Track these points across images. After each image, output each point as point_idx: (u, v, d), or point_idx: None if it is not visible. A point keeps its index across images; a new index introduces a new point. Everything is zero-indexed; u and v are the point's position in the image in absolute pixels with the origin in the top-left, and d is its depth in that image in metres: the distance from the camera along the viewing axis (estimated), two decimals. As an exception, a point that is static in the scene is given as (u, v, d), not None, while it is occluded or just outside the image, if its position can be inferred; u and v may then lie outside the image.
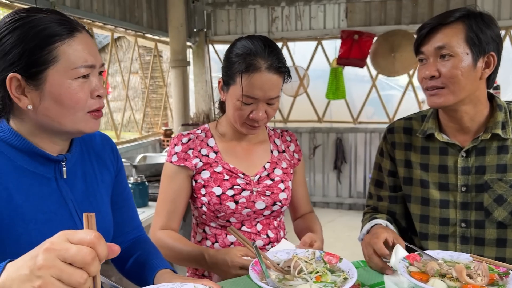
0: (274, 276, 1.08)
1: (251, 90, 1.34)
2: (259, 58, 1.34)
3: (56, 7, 2.96)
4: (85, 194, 1.08)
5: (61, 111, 0.94)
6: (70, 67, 0.92)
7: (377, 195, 1.54)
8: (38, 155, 0.98)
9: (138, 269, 1.16)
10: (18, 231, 0.93)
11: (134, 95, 9.85)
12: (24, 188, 0.95)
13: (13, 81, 0.91)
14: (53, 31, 0.91)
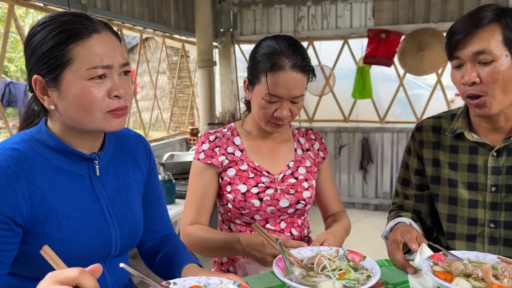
0: (298, 273, 1.09)
1: (275, 88, 1.36)
2: (284, 57, 1.36)
3: (88, 9, 3.05)
4: (117, 192, 1.11)
5: (78, 111, 0.96)
6: (85, 67, 0.94)
7: (403, 193, 1.53)
8: (72, 154, 1.02)
9: (166, 264, 1.20)
10: (52, 228, 0.97)
11: (161, 95, 10.01)
12: (59, 186, 0.99)
13: (37, 82, 0.96)
14: (69, 33, 0.94)
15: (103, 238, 1.04)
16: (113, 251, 1.08)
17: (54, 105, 0.97)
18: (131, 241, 1.13)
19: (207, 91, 4.55)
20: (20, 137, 1.00)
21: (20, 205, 0.92)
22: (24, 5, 2.75)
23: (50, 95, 0.96)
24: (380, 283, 1.17)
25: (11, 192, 0.91)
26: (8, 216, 0.91)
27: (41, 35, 0.95)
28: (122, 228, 1.09)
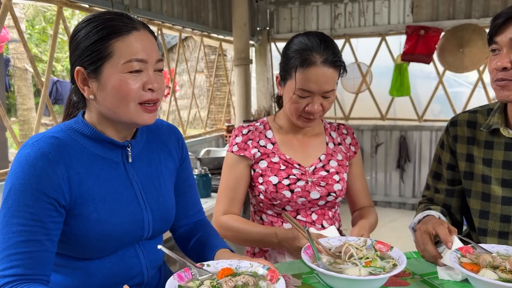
0: (325, 260, 1.13)
1: (306, 83, 1.40)
2: (315, 53, 1.40)
3: (130, 10, 3.19)
4: (150, 178, 1.18)
5: (115, 101, 1.03)
6: (122, 61, 1.01)
7: (434, 187, 1.53)
8: (106, 141, 1.10)
9: (199, 248, 1.26)
10: (89, 210, 1.05)
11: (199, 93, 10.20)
12: (95, 171, 1.08)
13: (79, 73, 1.05)
14: (111, 29, 1.02)
15: (136, 220, 1.12)
16: (145, 234, 1.15)
17: (94, 95, 1.05)
18: (163, 225, 1.20)
19: (243, 89, 4.62)
20: (59, 127, 1.10)
21: (61, 187, 1.01)
22: (72, 7, 2.91)
23: (90, 85, 1.05)
24: (408, 273, 1.19)
25: (53, 175, 1.00)
26: (53, 197, 1.00)
27: (86, 30, 1.04)
28: (154, 212, 1.16)
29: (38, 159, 0.99)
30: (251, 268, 1.06)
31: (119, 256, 1.11)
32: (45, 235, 0.99)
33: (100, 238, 1.05)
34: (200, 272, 1.03)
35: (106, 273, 1.10)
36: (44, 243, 0.99)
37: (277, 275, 1.00)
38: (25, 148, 1.02)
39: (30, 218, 0.97)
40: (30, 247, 0.97)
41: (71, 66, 1.07)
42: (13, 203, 0.97)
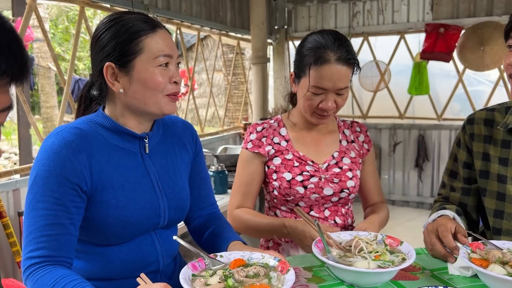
0: (335, 253, 1.16)
1: (320, 81, 1.42)
2: (329, 51, 1.42)
3: (150, 9, 3.25)
4: (165, 169, 1.24)
5: (146, 93, 1.11)
6: (152, 56, 1.10)
7: (450, 185, 1.52)
8: (125, 133, 1.16)
9: (213, 240, 1.30)
10: (108, 196, 1.11)
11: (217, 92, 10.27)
12: (114, 161, 1.14)
13: (109, 69, 1.11)
14: (139, 27, 1.10)
15: (153, 208, 1.17)
16: (162, 221, 1.20)
17: (124, 89, 1.12)
18: (178, 213, 1.25)
19: (261, 87, 4.66)
20: (81, 120, 1.17)
21: (83, 174, 1.07)
22: (93, 7, 2.99)
23: (120, 80, 1.12)
24: (418, 268, 1.21)
25: (76, 163, 1.06)
26: (76, 183, 1.06)
27: (115, 28, 1.10)
28: (170, 201, 1.21)
29: (62, 147, 1.05)
30: (262, 259, 1.09)
31: (136, 243, 1.16)
32: (69, 219, 1.05)
33: (119, 224, 1.10)
34: (213, 262, 1.07)
35: (124, 259, 1.15)
36: (67, 227, 1.05)
37: (287, 266, 1.03)
38: (50, 138, 1.08)
39: (55, 202, 1.03)
40: (54, 230, 1.03)
41: (98, 63, 1.13)
42: (39, 189, 1.04)
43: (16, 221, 2.39)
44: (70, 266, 1.06)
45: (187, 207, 1.29)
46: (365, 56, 5.24)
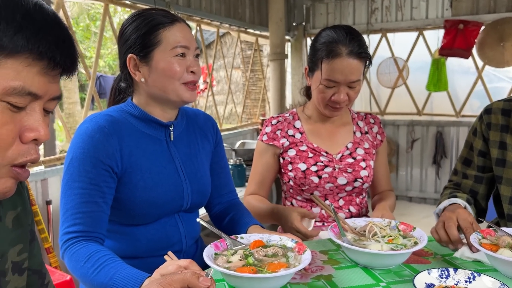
0: (350, 237, 1.21)
1: (332, 74, 1.48)
2: (341, 45, 1.48)
3: (171, 6, 3.33)
4: (189, 156, 1.33)
5: (164, 81, 1.20)
6: (169, 47, 1.19)
7: (463, 172, 1.56)
8: (152, 121, 1.25)
9: (232, 225, 1.37)
10: (137, 178, 1.20)
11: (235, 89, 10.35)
12: (142, 146, 1.23)
13: (131, 60, 1.21)
14: (158, 21, 1.20)
15: (177, 190, 1.26)
16: (185, 204, 1.29)
17: (144, 78, 1.21)
18: (200, 197, 1.34)
19: (278, 83, 4.71)
20: (112, 108, 1.26)
21: (115, 156, 1.16)
22: (117, 4, 3.08)
23: (141, 70, 1.21)
24: (430, 253, 1.25)
25: (108, 146, 1.15)
26: (108, 164, 1.15)
27: (136, 23, 1.20)
28: (193, 185, 1.30)
29: (96, 131, 1.15)
30: (280, 241, 1.15)
31: (161, 224, 1.25)
32: (101, 198, 1.14)
33: (145, 204, 1.19)
34: (234, 243, 1.14)
35: (149, 239, 1.23)
36: (100, 205, 1.14)
37: (304, 247, 1.09)
38: (84, 123, 1.18)
39: (89, 182, 1.12)
40: (89, 207, 1.12)
41: (122, 56, 1.23)
42: (74, 170, 1.13)
43: (44, 210, 2.50)
44: (102, 243, 1.14)
45: (208, 192, 1.37)
46: (383, 52, 5.24)
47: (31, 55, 0.61)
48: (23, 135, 0.64)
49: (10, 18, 0.60)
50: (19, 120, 0.63)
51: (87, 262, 1.04)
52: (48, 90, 0.65)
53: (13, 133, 0.62)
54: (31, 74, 0.61)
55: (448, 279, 1.02)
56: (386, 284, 1.05)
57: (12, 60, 0.60)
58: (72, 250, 1.08)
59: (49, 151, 3.40)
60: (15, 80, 0.60)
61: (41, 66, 0.62)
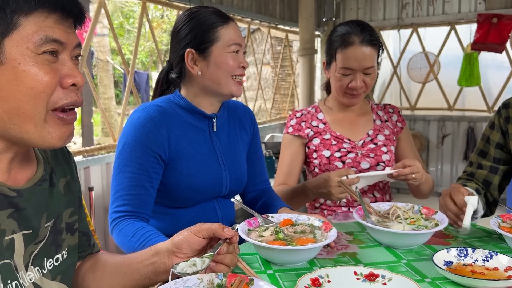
0: (374, 219, 1.29)
1: (347, 62, 1.60)
2: (353, 35, 1.60)
3: (204, 3, 3.46)
4: (228, 146, 1.43)
5: (220, 75, 1.30)
6: (226, 44, 1.29)
7: (478, 163, 1.60)
8: (197, 112, 1.36)
9: (264, 208, 1.47)
10: (182, 165, 1.31)
11: (265, 85, 10.44)
12: (188, 136, 1.34)
13: (189, 54, 1.31)
14: (215, 19, 1.30)
15: (217, 178, 1.37)
16: (223, 190, 1.39)
17: (201, 72, 1.32)
18: (237, 185, 1.44)
19: (308, 78, 4.77)
20: (161, 99, 1.37)
21: (163, 145, 1.28)
22: (154, 2, 3.23)
23: (198, 64, 1.32)
24: (451, 236, 1.32)
25: (158, 135, 1.27)
26: (157, 152, 1.27)
27: (195, 20, 1.31)
28: (231, 173, 1.41)
29: (147, 121, 1.27)
30: (308, 221, 1.24)
31: (201, 207, 1.37)
32: (149, 182, 1.26)
33: (189, 189, 1.30)
34: (266, 221, 1.23)
35: (190, 221, 1.33)
36: (147, 189, 1.26)
37: (330, 226, 1.17)
38: (136, 113, 1.30)
39: (139, 167, 1.24)
40: (137, 190, 1.24)
41: (178, 51, 1.33)
42: (126, 155, 1.25)
43: (86, 196, 2.67)
44: (147, 221, 1.27)
45: (244, 180, 1.48)
46: (414, 47, 5.22)
47: (45, 9, 0.72)
48: (63, 81, 0.75)
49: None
50: (56, 69, 0.74)
51: (133, 237, 1.16)
52: (69, 38, 0.76)
53: (55, 79, 0.74)
54: (50, 25, 0.72)
55: (467, 258, 1.09)
56: (407, 262, 1.13)
57: (31, 17, 0.71)
58: (120, 226, 1.21)
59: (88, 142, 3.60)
60: (39, 32, 0.71)
61: (56, 16, 0.73)
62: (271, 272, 1.07)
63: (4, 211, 0.74)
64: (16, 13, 0.70)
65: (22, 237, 0.77)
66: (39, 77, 0.72)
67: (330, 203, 1.71)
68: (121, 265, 0.95)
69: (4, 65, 0.70)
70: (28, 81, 0.71)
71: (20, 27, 0.70)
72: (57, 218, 0.86)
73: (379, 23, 5.34)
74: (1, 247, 0.73)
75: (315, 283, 0.93)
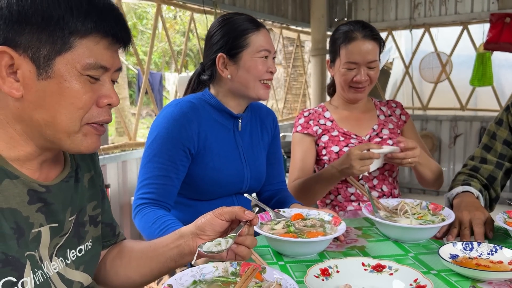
0: (382, 214, 1.33)
1: (351, 56, 1.66)
2: (356, 31, 1.67)
3: (217, 5, 3.52)
4: (250, 145, 1.50)
5: (249, 78, 1.36)
6: (256, 50, 1.36)
7: (482, 157, 1.60)
8: (225, 111, 1.43)
9: (278, 205, 1.52)
10: (207, 159, 1.38)
11: (276, 86, 10.49)
12: (215, 133, 1.41)
13: (220, 59, 1.38)
14: (246, 26, 1.36)
15: (239, 175, 1.44)
16: (244, 187, 1.46)
17: (231, 75, 1.38)
18: (256, 183, 1.51)
19: (319, 78, 4.81)
20: (192, 96, 1.44)
21: (193, 139, 1.34)
22: (168, 4, 3.29)
23: (228, 68, 1.38)
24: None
25: (189, 130, 1.33)
26: (187, 146, 1.34)
27: (227, 27, 1.37)
28: (252, 171, 1.48)
29: (180, 115, 1.33)
30: (318, 215, 1.29)
31: (221, 201, 1.43)
32: (175, 174, 1.33)
33: (212, 183, 1.37)
34: (277, 215, 1.28)
35: None
36: (173, 180, 1.33)
37: (339, 220, 1.22)
38: (169, 107, 1.37)
39: (168, 159, 1.31)
40: (164, 180, 1.31)
41: (211, 54, 1.40)
42: (157, 146, 1.32)
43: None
44: (169, 210, 1.33)
45: (263, 179, 1.55)
46: (426, 47, 5.22)
47: (99, 34, 0.77)
48: (99, 101, 0.81)
49: (79, 6, 0.74)
50: (95, 89, 0.80)
51: (154, 224, 1.22)
52: (113, 63, 0.81)
53: (92, 99, 0.79)
54: (100, 50, 0.78)
55: (472, 251, 1.12)
56: (414, 255, 1.16)
57: (85, 40, 0.76)
58: (143, 212, 1.27)
59: (103, 141, 3.69)
60: (90, 57, 0.76)
61: (107, 42, 0.78)
62: (282, 263, 1.12)
63: (34, 206, 0.80)
64: (73, 34, 0.74)
65: (48, 230, 0.82)
66: (80, 95, 0.77)
67: (341, 198, 1.75)
68: (147, 250, 1.00)
69: (51, 79, 0.75)
70: (69, 97, 0.76)
71: (74, 48, 0.75)
72: (80, 212, 0.91)
73: (391, 23, 5.35)
74: (27, 238, 0.78)
75: (324, 273, 0.97)
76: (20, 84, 0.74)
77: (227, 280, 0.90)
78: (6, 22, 0.72)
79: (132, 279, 1.01)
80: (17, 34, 0.72)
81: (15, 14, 0.72)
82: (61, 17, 0.73)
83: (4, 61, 0.73)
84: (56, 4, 0.73)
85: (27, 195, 0.79)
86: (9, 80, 0.74)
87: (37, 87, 0.75)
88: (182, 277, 0.89)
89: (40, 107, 0.76)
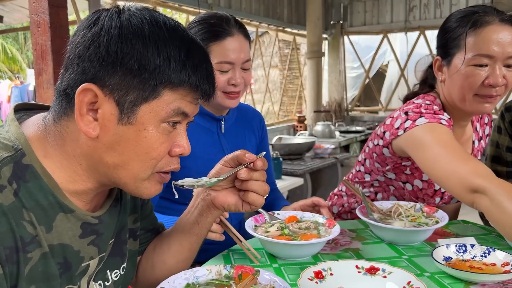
0: (376, 216, 1.33)
1: (485, 46, 1.21)
2: (488, 14, 1.23)
3: (213, 8, 3.52)
4: (236, 147, 1.47)
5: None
6: (214, 62, 1.29)
7: (494, 169, 1.57)
8: (206, 114, 1.42)
9: (268, 207, 1.52)
10: (190, 163, 1.36)
11: (272, 88, 10.50)
12: (197, 137, 1.39)
13: None
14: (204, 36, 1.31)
15: None
16: None
17: None
18: None
19: (315, 80, 4.82)
20: None
21: None
22: (164, 6, 3.29)
23: None
24: (452, 233, 1.35)
25: None
26: None
27: (193, 31, 1.34)
28: None
29: None
30: (313, 218, 1.29)
31: None
32: None
33: None
34: (272, 217, 1.28)
35: None
36: None
37: (334, 223, 1.22)
38: None
39: None
40: None
41: None
42: None
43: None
44: None
45: None
46: (421, 49, 5.24)
47: (191, 88, 0.75)
48: (172, 150, 0.80)
49: (177, 56, 0.71)
50: (171, 138, 0.78)
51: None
52: (194, 111, 0.80)
53: (167, 149, 0.78)
54: (185, 102, 0.76)
55: (465, 254, 1.13)
56: (408, 257, 1.17)
57: (174, 91, 0.73)
58: None
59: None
60: (174, 104, 0.74)
61: (195, 95, 0.77)
62: (276, 266, 1.11)
63: (86, 239, 0.77)
64: (164, 84, 0.72)
65: (97, 260, 0.81)
66: (156, 146, 0.75)
67: None
68: (175, 226, 1.02)
69: (131, 126, 0.72)
70: (145, 146, 0.74)
71: (161, 97, 0.72)
72: (122, 230, 0.89)
73: (386, 26, 5.37)
74: (73, 273, 0.76)
75: (318, 276, 0.97)
76: (97, 124, 0.71)
77: (220, 283, 0.90)
78: (100, 61, 0.69)
79: (167, 264, 1.00)
80: (108, 75, 0.70)
81: (112, 55, 0.69)
82: (157, 66, 0.70)
83: (87, 98, 0.70)
84: (156, 53, 0.70)
85: (80, 229, 0.76)
86: (87, 117, 0.71)
87: (115, 131, 0.72)
88: (176, 280, 0.89)
89: (113, 150, 0.73)
